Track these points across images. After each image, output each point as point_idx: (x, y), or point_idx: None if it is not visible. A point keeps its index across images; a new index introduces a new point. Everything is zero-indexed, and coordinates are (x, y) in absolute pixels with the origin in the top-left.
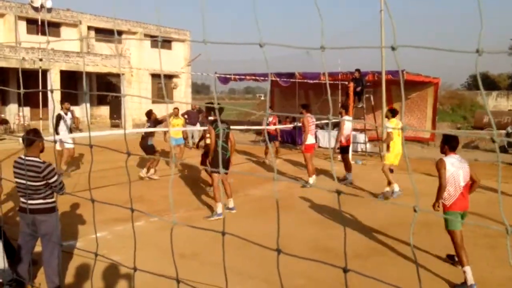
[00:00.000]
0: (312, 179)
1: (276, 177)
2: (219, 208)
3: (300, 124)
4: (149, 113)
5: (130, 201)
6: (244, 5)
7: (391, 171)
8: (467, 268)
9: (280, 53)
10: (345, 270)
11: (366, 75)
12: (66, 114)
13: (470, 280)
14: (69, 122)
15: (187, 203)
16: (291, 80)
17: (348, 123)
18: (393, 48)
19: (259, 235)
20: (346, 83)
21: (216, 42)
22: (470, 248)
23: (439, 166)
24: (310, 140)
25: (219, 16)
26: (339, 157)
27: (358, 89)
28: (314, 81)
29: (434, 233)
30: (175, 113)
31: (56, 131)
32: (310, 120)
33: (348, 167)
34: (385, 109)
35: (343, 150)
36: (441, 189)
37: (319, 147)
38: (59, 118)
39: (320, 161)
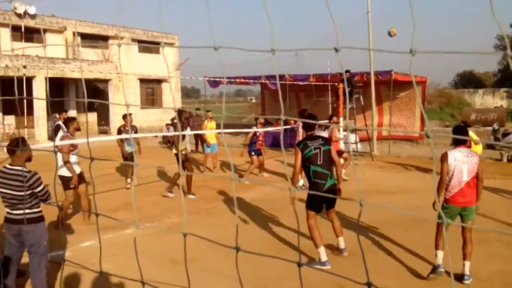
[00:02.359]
0: (301, 181)
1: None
2: (322, 255)
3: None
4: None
5: (135, 210)
6: (234, 6)
7: None
8: (439, 252)
9: (269, 55)
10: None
11: (355, 75)
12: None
13: (439, 261)
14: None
15: (179, 209)
16: (281, 82)
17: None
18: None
19: (254, 238)
20: (336, 84)
21: (205, 46)
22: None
23: (441, 159)
24: None
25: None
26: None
27: (348, 89)
28: (304, 83)
29: (426, 230)
30: (209, 116)
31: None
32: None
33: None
34: (374, 108)
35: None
36: (440, 183)
37: None
38: (58, 128)
39: None
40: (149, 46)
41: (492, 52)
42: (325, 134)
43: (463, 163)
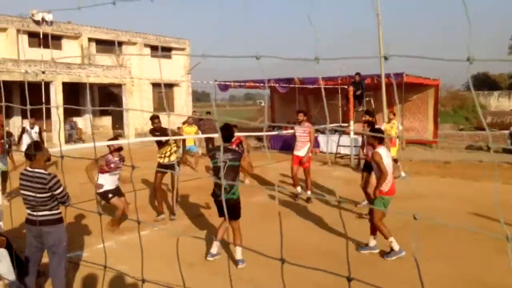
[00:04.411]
0: (300, 189)
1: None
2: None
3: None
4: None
5: (136, 211)
6: (240, 11)
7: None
8: (392, 238)
9: (278, 59)
10: (349, 279)
11: (365, 78)
12: (32, 128)
13: (397, 246)
14: (34, 136)
15: (194, 211)
16: (289, 86)
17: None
18: (385, 58)
19: (266, 243)
20: (346, 87)
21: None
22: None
23: (377, 158)
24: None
25: (218, 23)
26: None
27: (358, 92)
28: (313, 86)
29: (440, 236)
30: (189, 122)
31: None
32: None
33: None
34: (386, 112)
35: (367, 167)
36: (383, 176)
37: (321, 152)
38: (23, 131)
39: (323, 167)
40: (162, 52)
41: (507, 59)
42: (335, 137)
43: (390, 159)
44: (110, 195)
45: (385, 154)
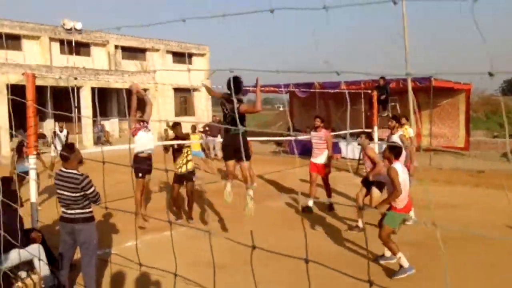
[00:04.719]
0: (311, 202)
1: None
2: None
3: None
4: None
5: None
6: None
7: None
8: (400, 254)
9: (298, 63)
10: (370, 283)
11: (390, 82)
12: (61, 131)
13: (406, 263)
14: (63, 138)
15: (218, 214)
16: (309, 90)
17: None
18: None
19: (286, 246)
20: (369, 91)
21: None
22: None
23: (393, 174)
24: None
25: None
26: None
27: (383, 97)
28: (335, 91)
29: (472, 248)
30: (192, 130)
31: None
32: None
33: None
34: (412, 117)
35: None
36: (395, 193)
37: (342, 158)
38: (54, 135)
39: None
40: (181, 58)
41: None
42: (355, 144)
43: (406, 175)
44: (140, 173)
45: (401, 170)
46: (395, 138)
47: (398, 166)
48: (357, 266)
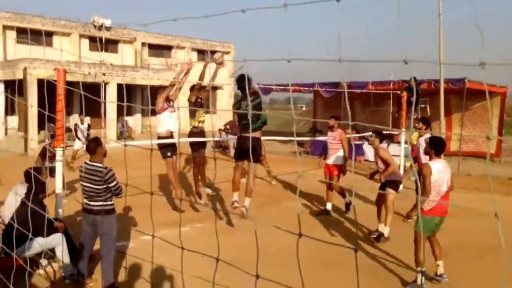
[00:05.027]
0: (329, 205)
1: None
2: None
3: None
4: None
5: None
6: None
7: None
8: (420, 268)
9: (327, 64)
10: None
11: (421, 83)
12: (82, 123)
13: (419, 281)
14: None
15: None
16: (334, 90)
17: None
18: (405, 62)
19: (301, 248)
20: (399, 92)
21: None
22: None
23: (425, 171)
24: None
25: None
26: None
27: (412, 98)
28: (362, 91)
29: (500, 258)
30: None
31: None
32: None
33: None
34: (443, 120)
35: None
36: (424, 195)
37: (366, 160)
38: (76, 127)
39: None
40: (206, 56)
41: None
42: (383, 146)
43: (443, 174)
44: (168, 153)
45: (437, 169)
46: (422, 141)
47: (435, 164)
48: (372, 272)
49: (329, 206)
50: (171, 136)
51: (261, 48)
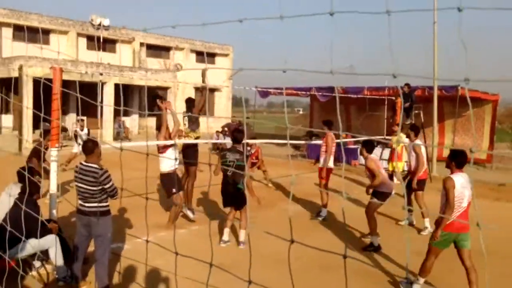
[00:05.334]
0: (325, 211)
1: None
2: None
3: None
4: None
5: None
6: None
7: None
8: (421, 279)
9: (322, 66)
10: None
11: (416, 90)
12: (82, 130)
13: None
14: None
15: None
16: (330, 94)
17: (424, 149)
18: (394, 76)
19: (295, 252)
20: (393, 98)
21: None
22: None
23: (448, 185)
24: (332, 163)
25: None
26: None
27: (406, 104)
28: (357, 96)
29: (488, 262)
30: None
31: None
32: (335, 139)
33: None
34: (436, 126)
35: (420, 185)
36: (448, 211)
37: (360, 164)
38: (76, 134)
39: (364, 179)
40: (205, 57)
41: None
42: (378, 151)
43: (464, 188)
44: (173, 189)
45: (460, 183)
46: (411, 148)
47: (458, 178)
48: (371, 276)
49: (323, 211)
50: (174, 172)
51: (260, 51)
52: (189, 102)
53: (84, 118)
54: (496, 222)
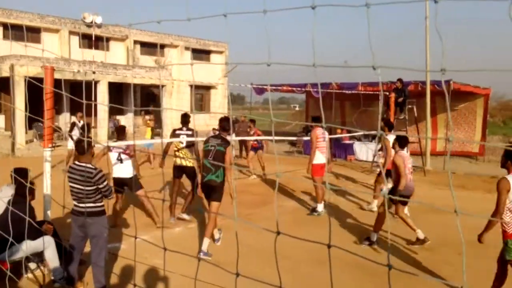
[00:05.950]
0: (321, 206)
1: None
2: None
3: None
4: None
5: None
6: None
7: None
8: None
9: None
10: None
11: (409, 84)
12: (79, 122)
13: None
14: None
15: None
16: (324, 90)
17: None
18: (374, 68)
19: (292, 247)
20: (387, 93)
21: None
22: None
23: (500, 187)
24: (318, 159)
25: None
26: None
27: (400, 99)
28: (351, 92)
29: (481, 254)
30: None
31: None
32: (320, 135)
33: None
34: (429, 121)
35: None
36: (495, 215)
37: (356, 160)
38: (73, 125)
39: (358, 174)
40: (199, 54)
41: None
42: (372, 145)
43: None
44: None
45: None
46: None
47: None
48: (370, 269)
49: (319, 207)
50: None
51: (255, 47)
52: (185, 117)
53: (83, 114)
54: (487, 212)
